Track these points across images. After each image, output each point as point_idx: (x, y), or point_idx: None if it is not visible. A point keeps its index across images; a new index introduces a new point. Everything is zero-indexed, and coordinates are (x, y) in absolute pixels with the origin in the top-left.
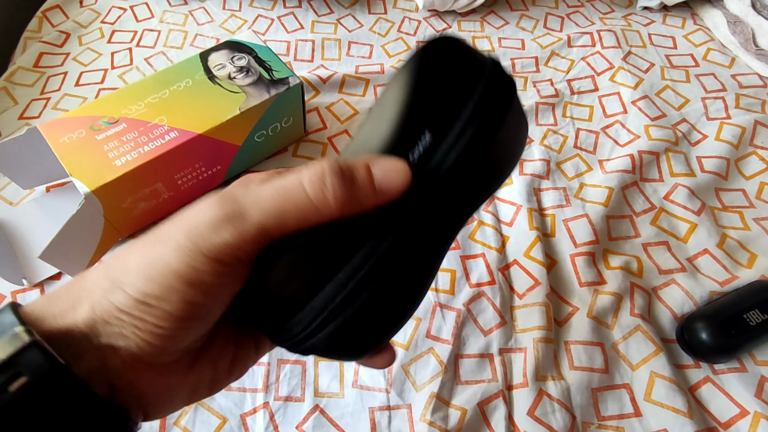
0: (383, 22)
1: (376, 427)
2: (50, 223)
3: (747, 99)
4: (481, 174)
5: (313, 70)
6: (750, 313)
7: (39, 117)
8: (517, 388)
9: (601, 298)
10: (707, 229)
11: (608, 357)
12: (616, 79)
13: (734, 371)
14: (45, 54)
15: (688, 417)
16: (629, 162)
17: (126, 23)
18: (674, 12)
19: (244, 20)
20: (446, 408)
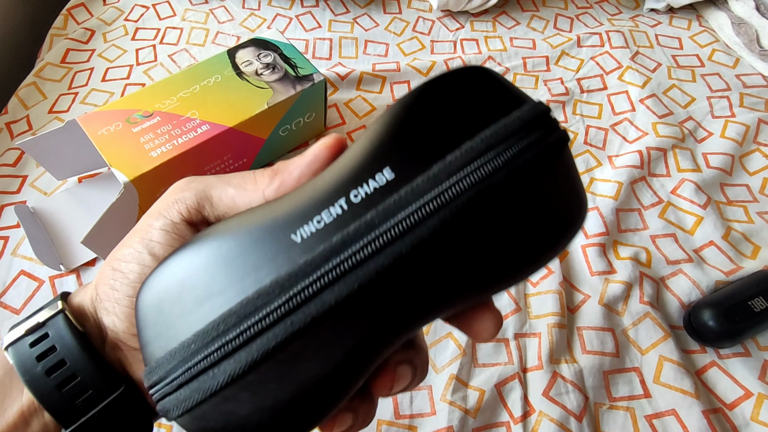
0: (398, 21)
1: (399, 406)
2: (82, 213)
3: (751, 98)
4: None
5: (331, 68)
6: (754, 301)
7: (68, 111)
8: (532, 371)
9: (611, 286)
10: (713, 222)
11: (619, 342)
12: (625, 78)
13: (739, 356)
14: (71, 50)
15: (695, 398)
16: (638, 158)
17: (149, 21)
18: (680, 14)
19: (263, 19)
20: (465, 389)
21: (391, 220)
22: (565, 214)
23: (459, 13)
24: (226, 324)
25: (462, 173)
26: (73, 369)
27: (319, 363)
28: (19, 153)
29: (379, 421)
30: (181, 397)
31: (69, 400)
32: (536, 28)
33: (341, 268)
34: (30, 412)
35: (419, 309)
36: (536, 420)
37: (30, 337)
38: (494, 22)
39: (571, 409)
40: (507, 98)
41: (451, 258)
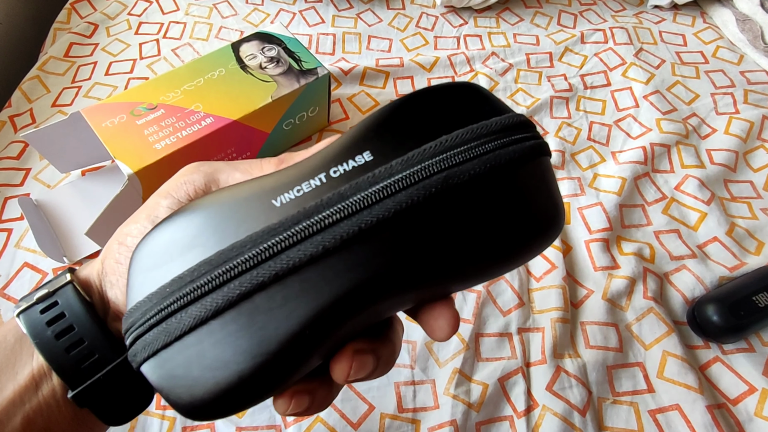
0: (402, 17)
1: (402, 400)
2: (86, 205)
3: (755, 95)
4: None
5: (334, 63)
6: (758, 296)
7: (71, 104)
8: (535, 365)
9: (615, 281)
10: (717, 218)
11: (622, 337)
12: (628, 74)
13: (743, 351)
14: (75, 44)
15: (699, 393)
16: (641, 154)
17: (152, 15)
18: (684, 11)
19: (267, 14)
20: (468, 383)
21: (362, 193)
22: (534, 217)
23: (462, 9)
24: (199, 272)
25: (434, 159)
26: (80, 334)
27: (279, 319)
28: (23, 146)
29: (383, 414)
30: (148, 339)
31: (76, 363)
32: (540, 25)
33: (310, 230)
34: (40, 376)
35: (379, 285)
36: (539, 414)
37: (40, 305)
38: (497, 18)
39: (574, 404)
40: (491, 108)
41: (414, 237)
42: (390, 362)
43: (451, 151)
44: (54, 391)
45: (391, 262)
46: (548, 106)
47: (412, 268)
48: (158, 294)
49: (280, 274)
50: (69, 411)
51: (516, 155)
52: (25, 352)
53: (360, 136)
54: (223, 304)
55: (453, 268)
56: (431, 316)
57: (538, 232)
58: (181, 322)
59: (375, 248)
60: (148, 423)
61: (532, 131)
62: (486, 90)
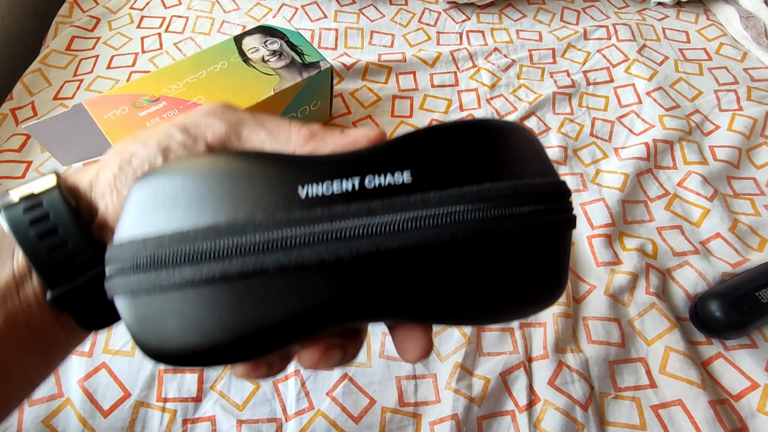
0: (404, 12)
1: (403, 394)
2: None
3: (758, 92)
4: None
5: (337, 58)
6: (762, 291)
7: (73, 98)
8: (537, 360)
9: (617, 277)
10: (719, 215)
11: (624, 332)
12: (631, 71)
13: (745, 347)
14: (77, 38)
15: (701, 389)
16: (644, 150)
17: (154, 9)
18: (687, 7)
19: (269, 8)
20: (470, 377)
21: (392, 215)
22: (540, 287)
23: (465, 5)
24: (206, 234)
25: (471, 206)
26: (64, 237)
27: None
28: (24, 138)
29: (384, 408)
30: (131, 280)
31: (58, 265)
32: (543, 21)
33: (330, 235)
34: (21, 276)
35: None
36: (541, 409)
37: (24, 204)
38: (500, 14)
39: (576, 399)
40: (539, 164)
41: (423, 272)
42: (353, 357)
43: (489, 203)
44: (35, 292)
45: (395, 289)
46: (551, 102)
47: (412, 299)
48: (155, 241)
49: (285, 268)
50: (50, 313)
51: (547, 227)
52: (5, 250)
53: (405, 149)
54: (219, 276)
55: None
56: (406, 338)
57: (535, 302)
58: (170, 278)
59: (385, 272)
60: (149, 415)
61: (567, 201)
62: (538, 141)
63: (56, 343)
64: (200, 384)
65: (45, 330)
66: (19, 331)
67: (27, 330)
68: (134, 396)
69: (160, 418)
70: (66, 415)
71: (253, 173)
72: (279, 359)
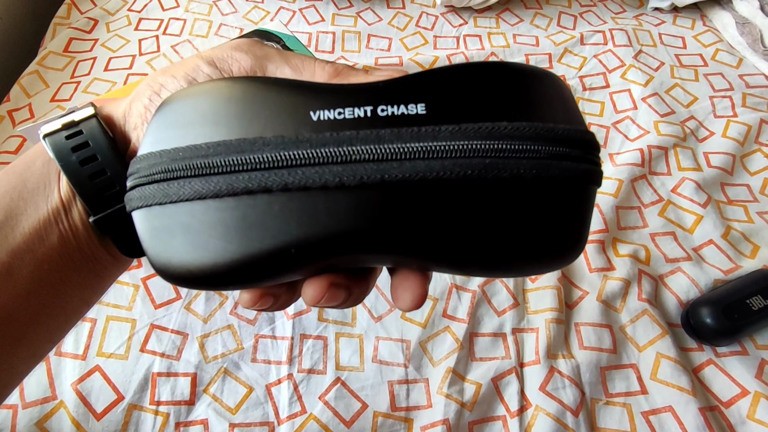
0: (401, 16)
1: (395, 398)
2: None
3: (753, 98)
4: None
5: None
6: (752, 299)
7: (70, 100)
8: (529, 365)
9: (610, 283)
10: (713, 221)
11: (616, 338)
12: (627, 76)
13: (736, 354)
14: (74, 39)
15: (691, 395)
16: (639, 156)
17: (152, 12)
18: (684, 13)
19: (266, 11)
20: (462, 382)
21: (399, 144)
22: (553, 241)
23: (462, 9)
24: (216, 150)
25: (484, 142)
26: (103, 164)
27: (271, 228)
28: (21, 140)
29: (376, 413)
30: (146, 191)
31: (99, 191)
32: (539, 26)
33: (335, 158)
34: (68, 199)
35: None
36: (532, 414)
37: (66, 132)
38: (497, 19)
39: (567, 404)
40: (565, 111)
41: (429, 208)
42: (360, 299)
43: (504, 141)
44: (81, 216)
45: (396, 221)
46: None
47: (414, 236)
48: (170, 154)
49: (288, 187)
50: (95, 237)
51: (565, 174)
52: (53, 176)
53: (423, 83)
54: (224, 190)
55: (452, 253)
56: (402, 284)
57: (549, 256)
58: (181, 189)
59: (387, 202)
60: (142, 418)
61: (593, 153)
62: (568, 91)
63: (105, 266)
64: (193, 387)
65: (93, 252)
66: (71, 252)
67: (78, 252)
68: (127, 399)
69: (153, 421)
70: (59, 418)
71: (269, 96)
72: (285, 291)
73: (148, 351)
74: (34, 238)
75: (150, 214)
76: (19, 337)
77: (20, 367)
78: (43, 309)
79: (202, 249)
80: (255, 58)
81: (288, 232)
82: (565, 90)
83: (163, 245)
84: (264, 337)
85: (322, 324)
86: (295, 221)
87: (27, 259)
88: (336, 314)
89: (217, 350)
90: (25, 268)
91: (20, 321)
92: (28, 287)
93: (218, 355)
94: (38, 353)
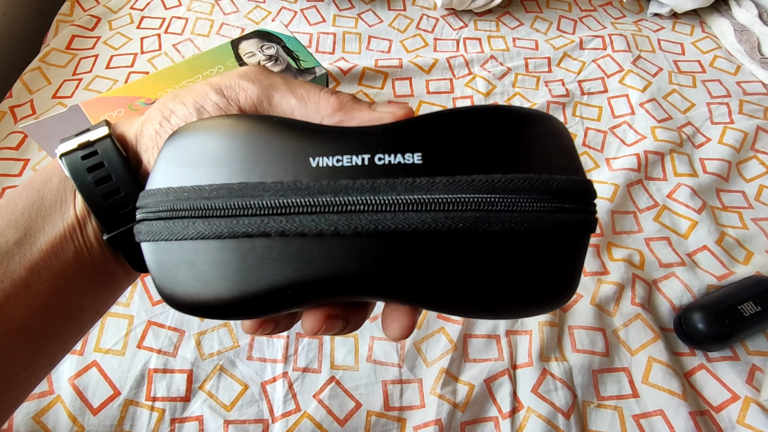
0: (402, 18)
1: (389, 398)
2: None
3: (750, 105)
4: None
5: (334, 62)
6: (744, 305)
7: (72, 97)
8: (521, 367)
9: (603, 287)
10: (707, 227)
11: (609, 342)
12: (625, 81)
13: (727, 359)
14: (77, 37)
15: (682, 399)
16: (635, 161)
17: (155, 10)
18: (683, 19)
19: (268, 11)
20: (455, 383)
21: (394, 195)
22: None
23: (463, 12)
24: (218, 193)
25: (477, 196)
26: (117, 184)
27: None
28: (22, 136)
29: (369, 412)
30: (153, 227)
31: (113, 209)
32: (539, 29)
33: (331, 207)
34: (83, 217)
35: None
36: (524, 416)
37: (81, 152)
38: (498, 22)
39: (559, 407)
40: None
41: (419, 257)
42: (357, 326)
43: (497, 194)
44: (95, 233)
45: (388, 268)
46: (545, 111)
47: (405, 281)
48: (176, 193)
49: (285, 233)
50: (108, 252)
51: (558, 226)
52: (69, 194)
53: (421, 130)
54: (225, 233)
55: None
56: (391, 314)
57: (538, 303)
58: (185, 230)
59: (380, 250)
60: (138, 414)
61: (590, 202)
62: (567, 135)
63: (117, 278)
64: (189, 384)
65: (106, 267)
66: (86, 267)
67: (92, 267)
68: (124, 394)
69: (149, 416)
70: (56, 412)
71: (271, 140)
72: (285, 318)
73: (144, 347)
74: (50, 254)
75: (157, 248)
76: (36, 347)
77: (37, 374)
78: (59, 321)
79: (205, 284)
80: (262, 88)
81: (284, 275)
82: (563, 134)
83: (168, 276)
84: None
85: None
86: (291, 265)
87: (44, 274)
88: None
89: (213, 347)
90: (43, 282)
91: (38, 333)
92: (45, 301)
93: (214, 353)
94: (53, 361)
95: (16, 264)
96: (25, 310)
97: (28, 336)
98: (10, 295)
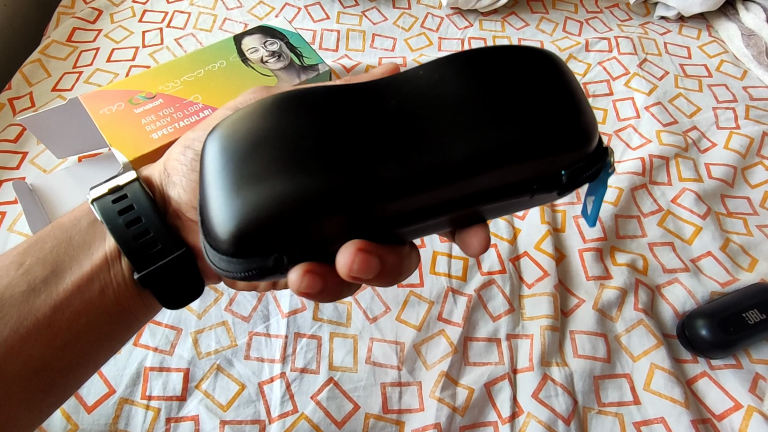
0: (407, 16)
1: (388, 401)
2: (80, 191)
3: (757, 111)
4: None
5: (337, 59)
6: (749, 313)
7: (71, 90)
8: (522, 372)
9: (606, 292)
10: (712, 233)
11: (611, 347)
12: (631, 84)
13: (730, 367)
14: (78, 29)
15: (684, 407)
16: (640, 165)
17: (157, 4)
18: (690, 23)
19: (272, 7)
20: (454, 387)
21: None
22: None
23: (468, 12)
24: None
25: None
26: (147, 226)
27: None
28: (21, 129)
29: (367, 415)
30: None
31: (143, 249)
32: (545, 30)
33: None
34: (111, 258)
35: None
36: (524, 421)
37: (112, 196)
38: (503, 22)
39: (559, 412)
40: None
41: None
42: (395, 273)
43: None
44: (122, 272)
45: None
46: None
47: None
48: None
49: None
50: (134, 290)
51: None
52: (98, 235)
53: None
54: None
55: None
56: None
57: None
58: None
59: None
60: (133, 412)
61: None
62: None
63: (137, 316)
64: (185, 383)
65: (129, 305)
66: (108, 306)
67: (115, 306)
68: (119, 393)
69: (144, 415)
70: None
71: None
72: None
73: (141, 345)
74: (75, 293)
75: None
76: (50, 385)
77: (47, 410)
78: (75, 359)
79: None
80: None
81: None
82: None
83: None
84: (258, 335)
85: (317, 323)
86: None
87: (67, 313)
88: (331, 314)
89: (210, 346)
90: (65, 321)
91: (54, 371)
92: (65, 340)
93: (211, 352)
94: (62, 399)
95: (41, 302)
96: (45, 348)
97: (45, 373)
98: (32, 332)
